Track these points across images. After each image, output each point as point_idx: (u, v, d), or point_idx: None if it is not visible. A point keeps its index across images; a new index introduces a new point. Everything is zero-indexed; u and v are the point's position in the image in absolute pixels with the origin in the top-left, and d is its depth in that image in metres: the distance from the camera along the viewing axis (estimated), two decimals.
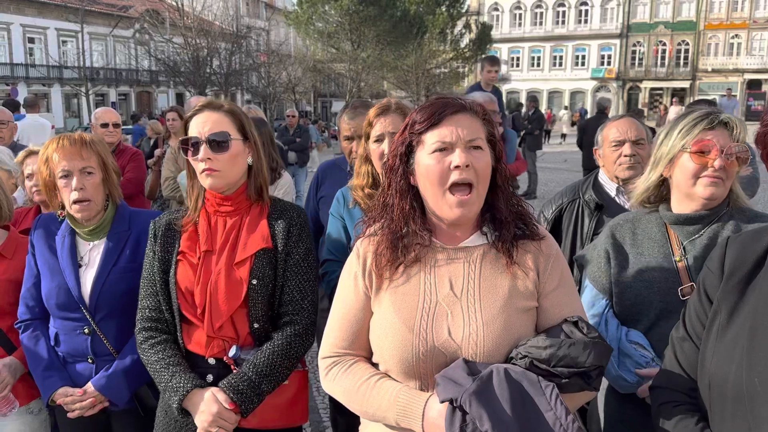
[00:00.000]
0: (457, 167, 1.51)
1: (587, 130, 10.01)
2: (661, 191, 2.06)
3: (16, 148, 4.33)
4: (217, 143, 1.97)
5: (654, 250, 2.01)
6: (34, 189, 2.93)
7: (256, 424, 1.99)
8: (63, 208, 2.31)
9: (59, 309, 2.28)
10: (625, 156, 2.76)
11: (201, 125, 1.99)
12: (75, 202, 2.22)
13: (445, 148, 1.54)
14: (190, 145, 2.00)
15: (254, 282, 1.97)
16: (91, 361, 2.30)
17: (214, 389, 1.92)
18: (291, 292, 2.02)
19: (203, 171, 1.97)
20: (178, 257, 2.03)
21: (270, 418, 2.04)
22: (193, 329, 2.00)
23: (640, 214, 2.12)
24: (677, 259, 1.96)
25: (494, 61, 7.20)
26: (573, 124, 32.49)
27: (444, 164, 1.53)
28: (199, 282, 1.97)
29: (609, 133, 2.84)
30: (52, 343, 2.34)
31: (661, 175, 2.02)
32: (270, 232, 2.03)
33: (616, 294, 2.05)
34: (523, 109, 18.42)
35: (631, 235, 2.08)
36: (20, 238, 2.57)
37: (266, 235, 2.02)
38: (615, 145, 2.80)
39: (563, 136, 29.49)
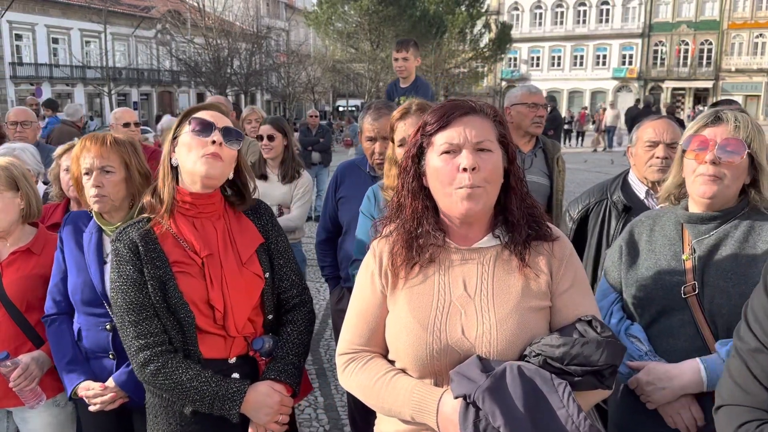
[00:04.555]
0: (464, 170, 1.53)
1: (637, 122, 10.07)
2: (682, 191, 2.06)
3: (39, 147, 4.42)
4: (230, 136, 1.96)
5: (665, 248, 2.02)
6: (70, 182, 2.97)
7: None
8: None
9: (84, 304, 2.32)
10: (658, 158, 2.69)
11: (215, 116, 1.97)
12: (91, 197, 2.27)
13: (453, 150, 1.56)
14: (199, 125, 1.92)
15: (267, 275, 2.05)
16: (112, 357, 2.33)
17: (267, 382, 1.96)
18: (290, 277, 2.13)
19: (209, 154, 1.90)
20: (174, 269, 1.92)
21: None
22: (208, 337, 1.96)
23: (663, 212, 2.13)
24: (685, 257, 1.96)
25: (399, 47, 5.23)
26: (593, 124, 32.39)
27: (452, 165, 1.55)
28: (212, 287, 1.94)
29: (644, 133, 2.77)
30: (76, 338, 2.38)
31: (681, 175, 2.03)
32: (256, 227, 2.10)
33: (625, 288, 2.09)
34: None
35: (649, 232, 2.10)
36: (48, 235, 2.64)
37: (256, 231, 2.09)
38: (649, 146, 2.73)
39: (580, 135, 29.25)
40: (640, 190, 2.82)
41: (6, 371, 2.36)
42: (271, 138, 4.38)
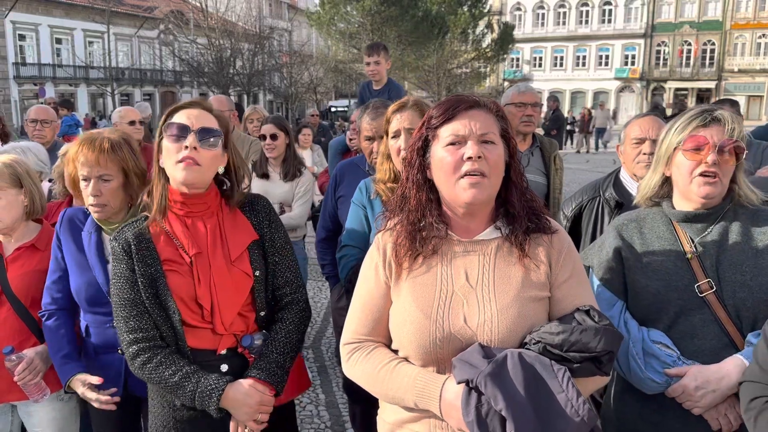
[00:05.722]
0: (469, 158, 1.57)
1: None
2: (664, 190, 2.08)
3: (56, 146, 4.45)
4: (207, 137, 1.94)
5: (665, 249, 2.02)
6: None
7: (282, 399, 2.08)
8: None
9: (89, 304, 2.33)
10: (644, 154, 2.75)
11: (193, 117, 1.96)
12: (90, 205, 2.28)
13: (458, 142, 1.61)
14: (175, 130, 1.93)
15: (257, 273, 2.05)
16: (121, 353, 2.33)
17: (249, 381, 1.96)
18: (285, 275, 2.12)
19: (183, 160, 1.90)
20: (164, 267, 1.97)
21: (290, 391, 2.14)
22: (196, 331, 1.99)
23: (644, 213, 2.13)
24: (689, 256, 1.97)
25: (370, 51, 5.36)
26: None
27: (457, 156, 1.59)
28: (200, 285, 1.97)
29: (631, 131, 2.84)
30: (83, 335, 2.40)
31: (663, 174, 2.05)
32: (251, 224, 2.09)
33: (631, 295, 2.06)
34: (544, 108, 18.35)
35: (639, 234, 2.08)
36: (52, 231, 2.64)
37: (250, 228, 2.08)
38: (636, 143, 2.80)
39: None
40: (631, 186, 2.86)
41: (11, 365, 2.39)
42: (274, 137, 4.41)
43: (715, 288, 1.91)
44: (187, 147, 1.91)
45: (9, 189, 2.50)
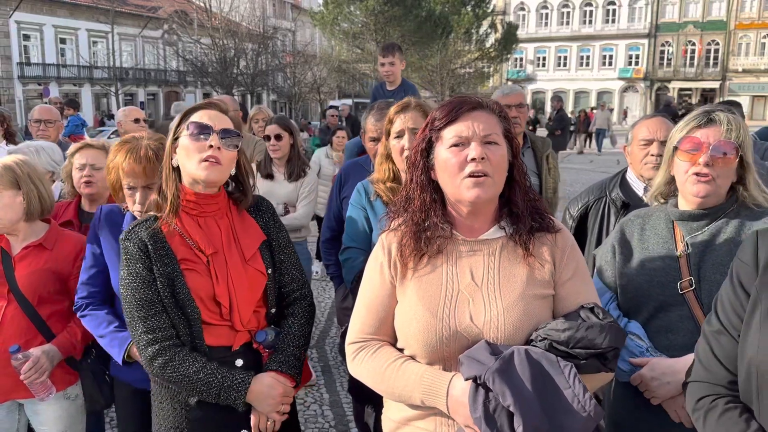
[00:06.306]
0: (473, 159, 1.59)
1: None
2: (670, 188, 2.10)
3: (62, 146, 4.48)
4: (229, 138, 1.98)
5: (658, 245, 2.06)
6: (83, 180, 2.98)
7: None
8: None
9: None
10: (652, 155, 2.75)
11: (213, 117, 1.99)
12: (136, 211, 2.33)
13: (462, 143, 1.62)
14: (197, 129, 1.96)
15: (269, 272, 2.11)
16: None
17: (271, 374, 2.03)
18: (291, 272, 2.19)
19: (206, 159, 1.93)
20: (182, 267, 1.98)
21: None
22: (213, 328, 2.02)
23: (651, 211, 2.17)
24: (679, 254, 2.00)
25: (385, 52, 5.34)
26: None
27: (461, 157, 1.61)
28: (218, 283, 2.00)
29: (639, 132, 2.84)
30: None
31: (669, 173, 2.07)
32: (258, 225, 2.15)
33: (620, 287, 2.12)
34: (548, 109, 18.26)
35: (640, 230, 2.13)
36: (60, 231, 2.69)
37: (258, 228, 2.14)
38: (643, 144, 2.80)
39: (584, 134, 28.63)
40: (638, 187, 2.87)
41: (17, 364, 2.41)
42: (278, 137, 4.42)
43: (694, 286, 1.94)
44: (211, 146, 1.94)
45: (5, 191, 2.50)
